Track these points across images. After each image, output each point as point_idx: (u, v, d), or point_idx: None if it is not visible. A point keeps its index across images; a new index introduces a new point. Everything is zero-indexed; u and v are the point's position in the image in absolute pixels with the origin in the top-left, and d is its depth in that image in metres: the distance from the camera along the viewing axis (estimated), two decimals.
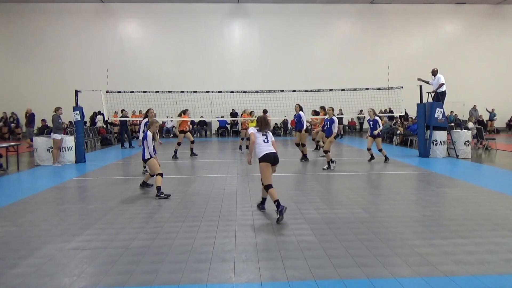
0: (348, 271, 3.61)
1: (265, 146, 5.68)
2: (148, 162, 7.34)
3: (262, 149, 5.66)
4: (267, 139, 5.78)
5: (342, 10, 25.06)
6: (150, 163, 7.32)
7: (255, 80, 23.11)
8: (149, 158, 7.32)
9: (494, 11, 25.58)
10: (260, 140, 5.74)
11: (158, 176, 7.06)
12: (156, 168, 7.23)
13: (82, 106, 12.11)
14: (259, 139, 5.74)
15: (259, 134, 5.78)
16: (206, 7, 24.33)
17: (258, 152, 5.67)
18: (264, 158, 5.59)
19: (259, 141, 5.73)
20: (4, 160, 10.26)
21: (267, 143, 5.75)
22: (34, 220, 5.45)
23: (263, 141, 5.73)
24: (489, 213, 5.54)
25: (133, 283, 3.42)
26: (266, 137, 5.79)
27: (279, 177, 8.78)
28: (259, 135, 5.77)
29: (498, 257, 3.91)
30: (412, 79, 14.87)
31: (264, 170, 5.59)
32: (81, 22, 24.02)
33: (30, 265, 3.84)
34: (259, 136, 5.77)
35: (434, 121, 11.76)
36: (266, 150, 5.64)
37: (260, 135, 5.78)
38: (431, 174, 9.07)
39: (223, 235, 4.67)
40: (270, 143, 5.78)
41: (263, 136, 5.79)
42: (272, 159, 5.64)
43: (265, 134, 5.81)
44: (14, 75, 23.76)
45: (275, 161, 5.71)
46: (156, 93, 15.03)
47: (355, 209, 5.84)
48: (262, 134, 5.80)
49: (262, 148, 5.66)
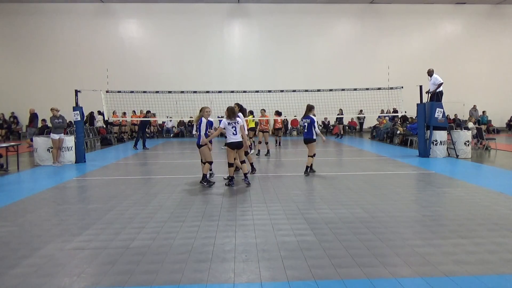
0: (348, 271, 3.61)
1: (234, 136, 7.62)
2: (201, 149, 7.84)
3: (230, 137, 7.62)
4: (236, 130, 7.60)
5: (342, 10, 25.06)
6: (202, 150, 7.85)
7: (255, 80, 23.10)
8: (203, 145, 7.79)
9: (494, 11, 25.58)
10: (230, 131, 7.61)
11: (206, 164, 7.81)
12: (207, 155, 7.81)
13: (82, 106, 12.11)
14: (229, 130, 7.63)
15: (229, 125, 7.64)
16: (206, 7, 24.33)
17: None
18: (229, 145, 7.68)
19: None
20: (4, 160, 10.26)
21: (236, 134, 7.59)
22: (34, 220, 5.45)
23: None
24: (489, 213, 5.54)
25: (133, 283, 3.42)
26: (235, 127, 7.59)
27: (280, 177, 8.79)
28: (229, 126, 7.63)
29: (498, 257, 3.91)
30: (412, 79, 14.90)
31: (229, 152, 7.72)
32: (81, 22, 24.01)
33: (30, 265, 3.84)
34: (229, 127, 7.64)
35: (434, 121, 11.76)
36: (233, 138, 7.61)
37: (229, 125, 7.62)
38: (431, 174, 9.08)
39: (223, 235, 4.67)
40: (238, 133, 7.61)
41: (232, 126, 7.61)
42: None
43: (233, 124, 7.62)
44: (13, 75, 23.75)
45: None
46: (156, 93, 15.03)
47: (355, 209, 5.84)
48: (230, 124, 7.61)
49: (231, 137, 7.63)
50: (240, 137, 7.62)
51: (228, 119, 7.63)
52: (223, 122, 7.70)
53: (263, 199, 6.56)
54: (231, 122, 7.61)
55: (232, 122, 7.60)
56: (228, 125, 7.62)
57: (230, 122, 7.61)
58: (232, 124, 7.59)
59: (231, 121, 7.60)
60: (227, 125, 7.62)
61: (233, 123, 7.59)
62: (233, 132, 7.57)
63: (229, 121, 7.61)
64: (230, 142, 7.61)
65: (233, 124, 7.59)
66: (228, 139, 7.68)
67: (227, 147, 7.68)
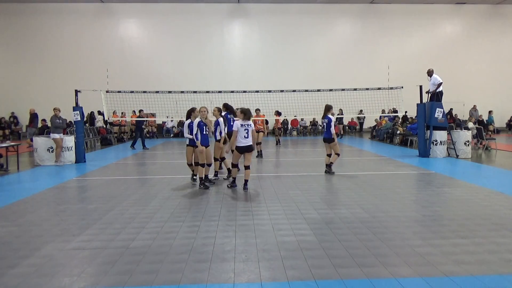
0: (348, 271, 3.61)
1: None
2: (196, 149, 7.60)
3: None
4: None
5: (342, 10, 25.05)
6: (197, 151, 7.56)
7: (255, 80, 23.08)
8: (197, 146, 7.50)
9: (494, 11, 25.57)
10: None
11: (205, 167, 7.56)
12: (201, 157, 7.51)
13: (82, 106, 12.11)
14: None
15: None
16: (206, 7, 24.32)
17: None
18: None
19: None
20: (4, 160, 10.26)
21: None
22: (34, 220, 5.45)
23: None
24: (489, 213, 5.54)
25: (133, 283, 3.42)
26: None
27: (279, 177, 8.79)
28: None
29: (498, 257, 3.91)
30: (412, 79, 14.88)
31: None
32: (81, 22, 24.00)
33: (30, 265, 3.84)
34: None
35: (434, 121, 11.76)
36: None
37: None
38: (431, 174, 9.08)
39: (223, 235, 4.67)
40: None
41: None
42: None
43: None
44: (13, 75, 23.73)
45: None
46: (156, 93, 15.03)
47: (355, 209, 5.84)
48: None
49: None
50: (251, 141, 7.25)
51: (242, 121, 7.25)
52: (235, 124, 7.32)
53: (263, 199, 6.56)
54: (244, 125, 7.23)
55: (245, 124, 7.23)
56: (241, 127, 7.23)
57: (243, 124, 7.23)
58: (245, 127, 7.23)
59: (244, 123, 7.23)
60: (239, 127, 7.23)
61: (246, 125, 7.22)
62: (245, 135, 7.19)
63: (242, 123, 7.23)
64: (240, 146, 7.24)
65: (246, 127, 7.22)
66: (238, 142, 7.26)
67: (235, 150, 7.38)
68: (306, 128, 24.45)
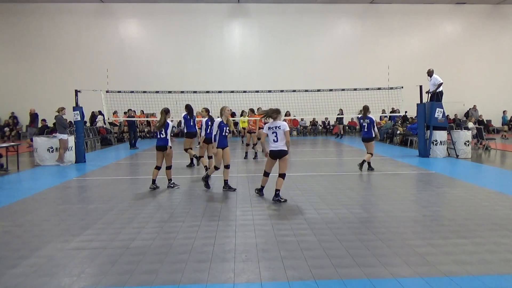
0: (348, 271, 3.61)
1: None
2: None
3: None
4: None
5: (342, 10, 25.04)
6: (217, 152, 7.20)
7: (255, 80, 23.07)
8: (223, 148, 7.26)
9: (494, 11, 25.56)
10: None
11: (215, 167, 7.31)
12: (217, 160, 7.23)
13: (82, 106, 12.11)
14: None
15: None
16: (206, 7, 24.32)
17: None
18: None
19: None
20: (4, 160, 10.26)
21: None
22: (34, 220, 5.45)
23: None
24: (489, 213, 5.54)
25: (133, 283, 3.42)
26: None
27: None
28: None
29: (498, 257, 3.91)
30: (412, 79, 14.87)
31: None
32: (81, 22, 23.99)
33: (30, 265, 3.84)
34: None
35: (434, 121, 11.76)
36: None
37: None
38: (431, 174, 9.07)
39: (223, 235, 4.67)
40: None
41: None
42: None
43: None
44: (13, 75, 23.72)
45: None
46: (156, 93, 15.02)
47: (355, 209, 5.84)
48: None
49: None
50: (282, 145, 6.33)
51: (270, 123, 6.47)
52: (266, 127, 6.52)
53: (263, 199, 6.56)
54: (272, 127, 6.38)
55: (273, 127, 6.37)
56: (269, 130, 6.41)
57: (270, 127, 6.40)
58: (273, 129, 6.36)
59: (272, 125, 6.40)
60: (267, 130, 6.44)
61: (274, 127, 6.35)
62: (274, 139, 6.34)
63: (270, 126, 6.42)
64: (270, 150, 6.45)
65: (273, 129, 6.35)
66: (268, 146, 6.51)
67: (268, 156, 6.55)
68: (306, 128, 24.46)
